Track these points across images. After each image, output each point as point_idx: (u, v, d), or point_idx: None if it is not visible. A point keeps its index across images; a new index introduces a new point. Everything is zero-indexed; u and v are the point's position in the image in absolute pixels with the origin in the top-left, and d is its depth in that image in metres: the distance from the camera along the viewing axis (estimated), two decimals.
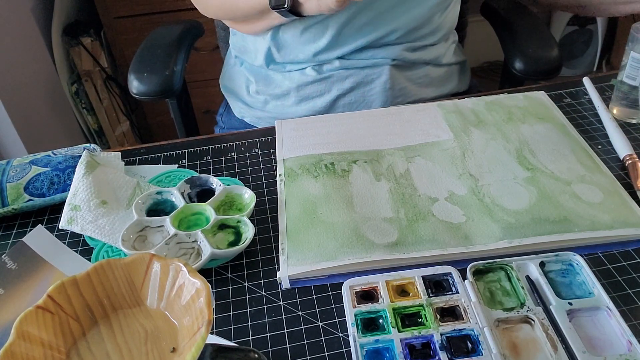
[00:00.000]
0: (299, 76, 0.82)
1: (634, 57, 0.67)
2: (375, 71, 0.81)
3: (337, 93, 0.82)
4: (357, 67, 0.81)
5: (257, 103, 0.88)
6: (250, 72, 0.88)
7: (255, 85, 0.87)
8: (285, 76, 0.83)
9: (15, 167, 0.65)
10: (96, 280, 0.39)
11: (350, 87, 0.82)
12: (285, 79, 0.83)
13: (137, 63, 0.89)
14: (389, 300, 0.48)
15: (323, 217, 0.57)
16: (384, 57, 0.81)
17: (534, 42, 0.86)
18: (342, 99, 0.83)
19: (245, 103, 0.90)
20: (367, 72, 0.81)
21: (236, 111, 0.93)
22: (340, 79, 0.81)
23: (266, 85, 0.86)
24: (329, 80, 0.82)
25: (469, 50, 1.06)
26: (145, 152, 0.73)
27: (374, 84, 0.82)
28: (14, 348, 0.34)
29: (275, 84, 0.85)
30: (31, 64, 1.47)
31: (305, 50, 0.80)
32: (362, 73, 0.81)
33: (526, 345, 0.45)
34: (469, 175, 0.62)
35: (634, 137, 0.67)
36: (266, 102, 0.87)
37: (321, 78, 0.81)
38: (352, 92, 0.82)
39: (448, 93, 0.89)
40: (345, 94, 0.82)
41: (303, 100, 0.83)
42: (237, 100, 0.92)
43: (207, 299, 0.35)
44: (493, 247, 0.53)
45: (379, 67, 0.81)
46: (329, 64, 0.81)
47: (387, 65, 0.81)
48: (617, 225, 0.54)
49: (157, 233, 0.57)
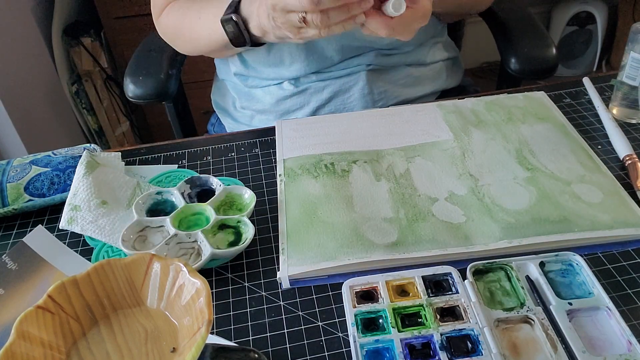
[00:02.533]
0: (277, 91, 0.82)
1: (634, 57, 0.67)
2: (351, 78, 0.80)
3: (316, 104, 0.82)
4: (333, 77, 0.80)
5: (243, 118, 0.88)
6: (233, 89, 0.89)
7: (239, 101, 0.88)
8: (265, 91, 0.83)
9: (16, 167, 0.65)
10: (96, 280, 0.39)
11: (328, 97, 0.81)
12: (266, 94, 0.83)
13: (133, 66, 0.90)
14: (389, 300, 0.48)
15: (323, 217, 0.57)
16: (359, 64, 0.80)
17: (529, 42, 0.86)
18: (321, 109, 0.82)
19: (233, 118, 0.91)
20: (344, 80, 0.80)
21: (227, 126, 0.94)
22: (317, 91, 0.81)
23: (248, 100, 0.86)
24: (306, 93, 0.81)
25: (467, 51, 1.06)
26: (145, 152, 0.73)
27: (352, 91, 0.81)
28: (14, 348, 0.34)
29: (256, 99, 0.85)
30: (31, 64, 1.47)
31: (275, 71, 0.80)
32: (339, 82, 0.80)
33: (526, 345, 0.45)
34: (469, 175, 0.62)
35: (633, 137, 0.67)
36: (252, 117, 0.87)
37: (299, 91, 0.81)
38: (331, 102, 0.82)
39: (436, 90, 0.88)
40: (324, 104, 0.82)
41: (284, 114, 0.83)
42: (226, 116, 0.93)
43: (207, 299, 0.35)
44: (493, 247, 0.53)
45: (355, 74, 0.80)
46: (305, 77, 0.81)
47: (363, 71, 0.80)
48: (617, 225, 0.54)
49: (157, 233, 0.57)
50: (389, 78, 0.83)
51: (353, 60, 0.80)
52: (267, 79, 0.82)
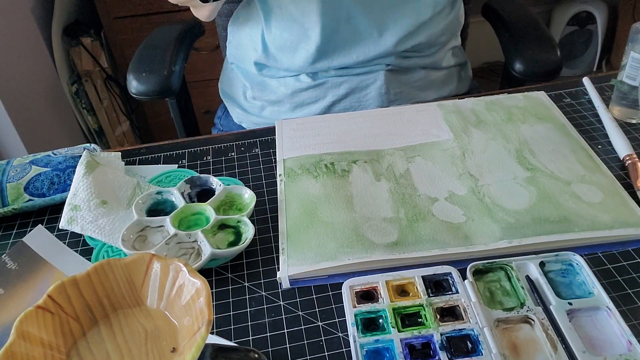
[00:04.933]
0: (294, 82, 0.82)
1: (634, 57, 0.67)
2: (369, 77, 0.81)
3: (332, 99, 0.82)
4: (352, 73, 0.80)
5: (254, 109, 0.88)
6: (245, 78, 0.88)
7: (251, 91, 0.87)
8: (280, 82, 0.83)
9: (16, 167, 0.65)
10: (96, 280, 0.39)
11: (345, 92, 0.81)
12: (281, 85, 0.83)
13: (136, 63, 0.89)
14: (389, 300, 0.48)
15: (323, 217, 0.57)
16: (378, 63, 0.80)
17: (533, 44, 0.86)
18: (337, 104, 0.82)
19: (242, 108, 0.90)
20: (362, 77, 0.81)
21: (234, 116, 0.93)
22: (334, 85, 0.81)
23: (261, 91, 0.86)
24: (323, 87, 0.81)
25: (469, 51, 1.06)
26: (145, 152, 0.73)
27: (369, 89, 0.81)
28: (14, 348, 0.34)
29: (270, 90, 0.85)
30: (31, 64, 1.47)
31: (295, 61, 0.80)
32: (357, 79, 0.81)
33: (526, 345, 0.45)
34: (469, 175, 0.62)
35: (634, 137, 0.67)
36: (263, 107, 0.86)
37: (315, 84, 0.81)
38: (347, 98, 0.82)
39: (447, 95, 0.89)
40: (340, 99, 0.82)
41: (298, 107, 0.83)
42: (235, 106, 0.92)
43: (207, 299, 0.35)
44: (493, 247, 0.53)
45: (374, 73, 0.81)
46: (324, 70, 0.81)
47: (382, 70, 0.80)
48: (617, 225, 0.54)
49: (157, 233, 0.57)
50: (405, 79, 0.83)
51: (373, 59, 0.80)
52: (287, 70, 0.82)
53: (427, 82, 0.85)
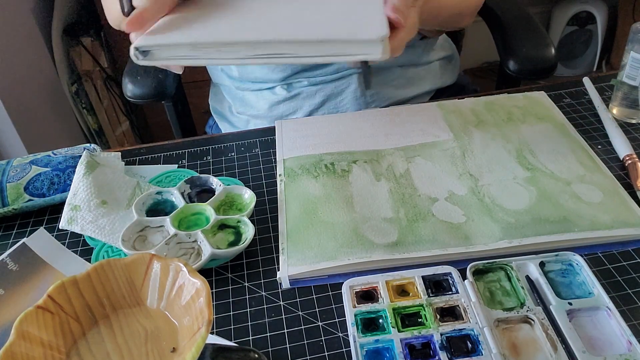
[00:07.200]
0: (270, 95, 0.82)
1: (634, 57, 0.67)
2: (343, 82, 0.80)
3: (309, 109, 0.81)
4: (325, 82, 0.80)
5: (240, 122, 0.88)
6: (227, 93, 0.89)
7: (234, 106, 0.88)
8: (258, 96, 0.83)
9: (15, 167, 0.65)
10: (96, 280, 0.39)
11: (321, 101, 0.81)
12: (259, 99, 0.83)
13: (132, 65, 0.89)
14: (389, 300, 0.48)
15: (323, 217, 0.57)
16: (350, 67, 0.79)
17: (527, 42, 0.86)
18: (315, 113, 0.82)
19: (230, 123, 0.91)
20: (336, 84, 0.80)
21: (224, 131, 0.94)
22: (309, 95, 0.81)
23: (243, 106, 0.86)
24: (299, 97, 0.81)
25: (467, 51, 1.05)
26: (145, 152, 0.73)
27: (344, 94, 0.81)
28: (14, 348, 0.34)
29: (250, 104, 0.85)
30: (31, 64, 1.47)
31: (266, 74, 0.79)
32: (331, 86, 0.80)
33: (526, 345, 0.45)
34: (469, 175, 0.62)
35: (633, 137, 0.67)
36: (248, 121, 0.87)
37: (291, 96, 0.81)
38: (324, 106, 0.81)
39: (430, 89, 0.87)
40: (317, 108, 0.82)
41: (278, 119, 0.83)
42: (223, 121, 0.93)
43: (207, 299, 0.35)
44: (493, 247, 0.53)
45: (347, 78, 0.80)
46: (297, 82, 0.80)
47: (355, 74, 0.79)
48: (617, 225, 0.54)
49: (157, 233, 0.57)
50: (381, 80, 0.82)
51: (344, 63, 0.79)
52: (258, 82, 0.82)
53: (405, 79, 0.84)
